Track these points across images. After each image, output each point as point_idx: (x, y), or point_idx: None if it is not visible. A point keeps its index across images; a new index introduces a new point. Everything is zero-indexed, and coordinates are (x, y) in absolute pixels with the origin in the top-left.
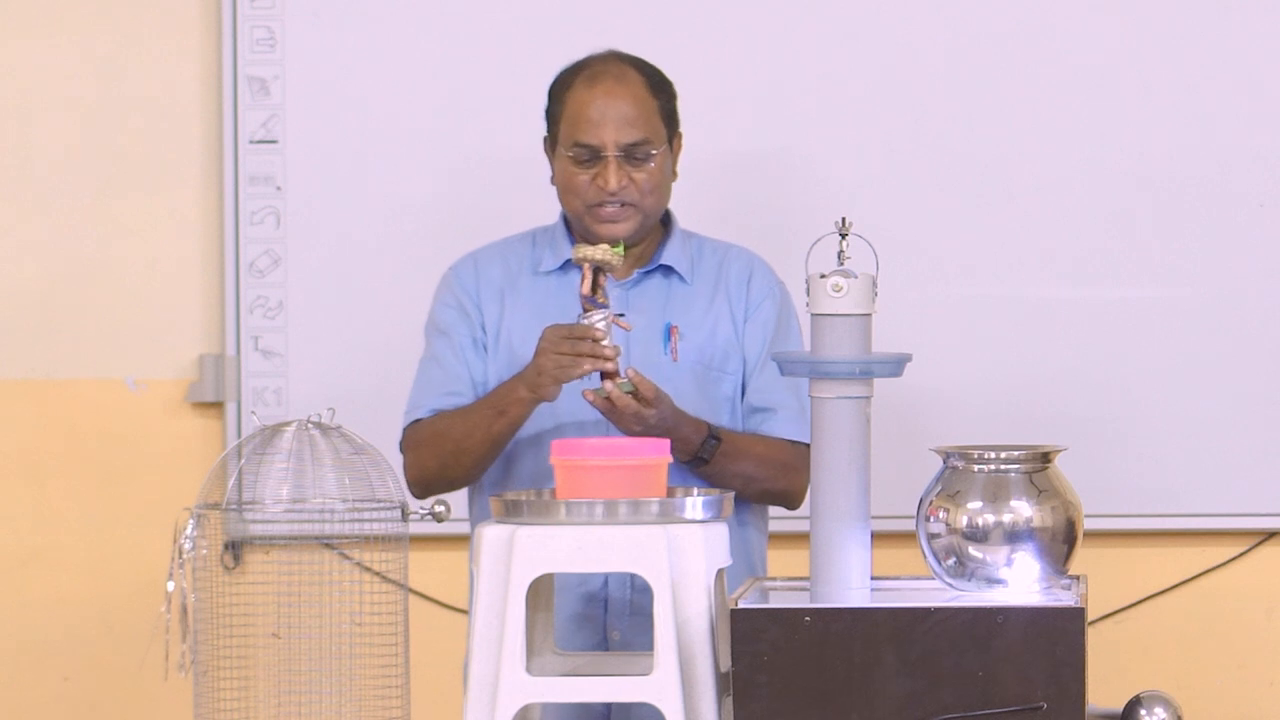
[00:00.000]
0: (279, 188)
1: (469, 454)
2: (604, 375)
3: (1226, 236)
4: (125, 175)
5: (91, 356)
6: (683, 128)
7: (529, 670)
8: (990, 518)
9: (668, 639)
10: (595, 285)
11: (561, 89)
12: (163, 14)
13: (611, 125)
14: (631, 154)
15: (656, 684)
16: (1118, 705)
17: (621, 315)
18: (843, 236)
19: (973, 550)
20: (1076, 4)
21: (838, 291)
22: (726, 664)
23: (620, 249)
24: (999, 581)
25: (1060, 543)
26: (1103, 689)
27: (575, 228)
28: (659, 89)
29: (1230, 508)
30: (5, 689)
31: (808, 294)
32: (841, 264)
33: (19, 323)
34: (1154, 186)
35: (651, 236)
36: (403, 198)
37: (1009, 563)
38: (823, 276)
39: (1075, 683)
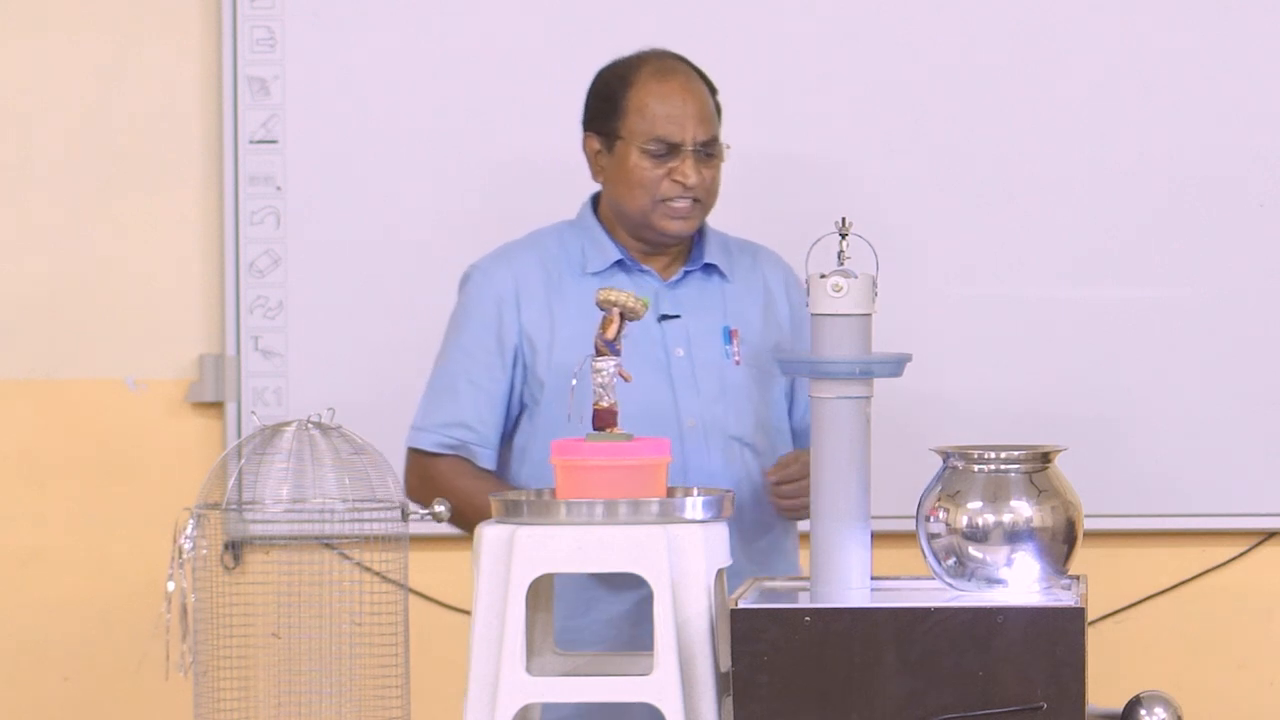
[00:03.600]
0: (279, 188)
1: (463, 518)
2: (602, 423)
3: (1226, 236)
4: (125, 175)
5: (91, 356)
6: None
7: (529, 670)
8: (990, 518)
9: (668, 639)
10: (619, 332)
11: (622, 84)
12: (163, 14)
13: (692, 121)
14: (705, 150)
15: (656, 684)
16: (1118, 705)
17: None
18: (843, 236)
19: (973, 550)
20: (1077, 4)
21: (838, 291)
22: (726, 664)
23: (648, 301)
24: (999, 581)
25: (1060, 543)
26: (1103, 689)
27: (624, 224)
28: (712, 90)
29: (1230, 508)
30: (5, 689)
31: (808, 294)
32: (841, 264)
33: (19, 323)
34: (1154, 186)
35: None
36: (403, 198)
37: (1009, 563)
38: (823, 276)
39: (1075, 683)
